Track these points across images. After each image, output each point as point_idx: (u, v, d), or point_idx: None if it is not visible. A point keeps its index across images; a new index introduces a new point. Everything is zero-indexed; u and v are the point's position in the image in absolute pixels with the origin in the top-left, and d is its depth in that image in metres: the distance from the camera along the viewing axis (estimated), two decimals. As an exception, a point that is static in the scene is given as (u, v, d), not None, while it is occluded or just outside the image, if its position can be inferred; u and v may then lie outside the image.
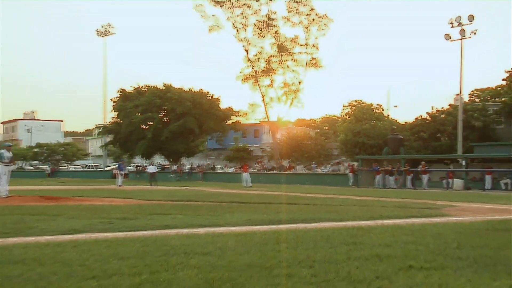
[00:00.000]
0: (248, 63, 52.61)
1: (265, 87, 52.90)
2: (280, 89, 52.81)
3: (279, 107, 53.08)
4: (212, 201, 15.49)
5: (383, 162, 36.23)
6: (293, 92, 52.50)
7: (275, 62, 52.19)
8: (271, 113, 53.22)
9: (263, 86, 52.65)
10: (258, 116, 55.79)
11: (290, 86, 52.61)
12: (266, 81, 53.00)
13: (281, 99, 52.65)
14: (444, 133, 41.89)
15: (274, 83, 52.93)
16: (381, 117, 48.08)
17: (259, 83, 52.16)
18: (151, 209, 11.88)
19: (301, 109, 71.55)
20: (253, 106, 54.22)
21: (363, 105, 48.53)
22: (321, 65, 52.03)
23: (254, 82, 52.61)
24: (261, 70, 52.15)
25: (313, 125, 79.54)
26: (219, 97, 52.32)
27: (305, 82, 52.55)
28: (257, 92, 52.69)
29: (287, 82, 52.45)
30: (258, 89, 52.38)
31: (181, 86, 52.26)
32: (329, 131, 68.67)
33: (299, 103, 53.22)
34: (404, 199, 17.57)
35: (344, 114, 52.09)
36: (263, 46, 51.86)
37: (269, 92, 53.09)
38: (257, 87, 52.42)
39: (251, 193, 22.26)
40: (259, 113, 54.84)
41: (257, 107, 54.03)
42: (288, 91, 52.55)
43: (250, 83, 53.12)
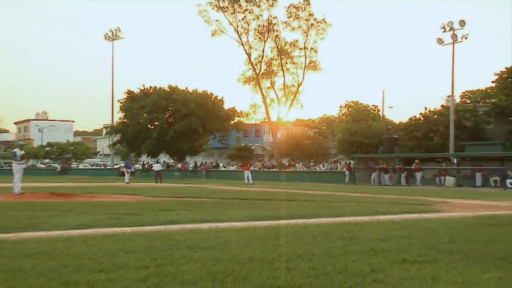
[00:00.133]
0: (249, 66, 52.64)
1: (266, 89, 52.93)
2: (280, 90, 52.88)
3: (279, 108, 53.09)
4: (215, 197, 15.49)
5: (379, 160, 36.22)
6: (293, 93, 52.49)
7: (276, 65, 52.20)
8: (271, 113, 53.21)
9: (264, 88, 52.65)
10: (259, 116, 55.80)
11: (289, 88, 52.65)
12: (266, 83, 53.06)
13: (281, 101, 52.64)
14: (436, 133, 41.84)
15: (274, 85, 53.00)
16: (376, 118, 48.00)
17: (260, 85, 52.11)
18: (156, 205, 11.90)
19: (300, 110, 71.32)
20: (254, 107, 54.29)
21: (359, 106, 48.46)
22: (320, 67, 52.03)
23: (255, 84, 52.59)
24: (262, 72, 52.13)
25: (312, 125, 79.55)
26: (222, 98, 52.30)
27: (304, 84, 52.54)
28: (258, 93, 52.73)
29: (287, 84, 52.49)
30: (259, 91, 52.37)
31: (186, 87, 52.30)
32: (327, 131, 68.67)
33: (298, 104, 53.23)
34: (398, 196, 17.56)
35: (341, 114, 52.03)
36: (264, 49, 51.89)
37: (269, 93, 53.17)
38: (258, 89, 52.39)
39: (253, 190, 22.27)
40: (260, 114, 54.89)
41: (258, 108, 54.09)
42: (287, 93, 52.55)
43: (251, 85, 53.17)
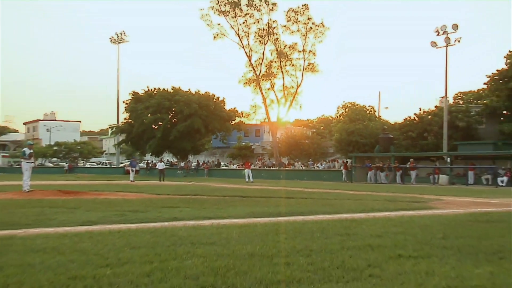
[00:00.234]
0: (250, 68, 52.61)
1: (266, 90, 52.91)
2: (279, 92, 52.85)
3: (279, 109, 53.06)
4: (216, 195, 15.48)
5: (375, 159, 36.23)
6: (292, 94, 52.48)
7: (275, 67, 52.17)
8: (271, 114, 53.19)
9: (264, 89, 52.63)
10: (259, 117, 55.77)
11: (289, 89, 52.61)
12: (266, 85, 53.02)
13: (280, 101, 52.63)
14: (430, 133, 41.83)
15: (274, 86, 52.96)
16: (373, 118, 47.97)
17: (261, 87, 52.09)
18: (160, 202, 11.89)
19: (299, 111, 71.39)
20: (254, 107, 54.28)
21: (356, 107, 48.42)
22: (318, 69, 52.04)
23: (255, 85, 52.56)
24: (262, 74, 52.10)
25: (310, 125, 79.38)
26: (223, 99, 52.33)
27: (302, 85, 52.50)
28: (259, 94, 52.71)
29: (286, 85, 52.46)
30: (259, 92, 52.35)
31: (189, 89, 52.34)
32: (324, 131, 68.48)
33: (297, 105, 53.21)
34: (394, 193, 17.55)
35: (338, 115, 51.93)
36: (264, 52, 51.87)
37: (269, 94, 53.14)
38: (258, 90, 52.38)
39: (253, 188, 22.26)
40: (260, 114, 54.87)
41: (258, 109, 54.08)
42: (287, 94, 52.53)
43: (252, 86, 53.15)
